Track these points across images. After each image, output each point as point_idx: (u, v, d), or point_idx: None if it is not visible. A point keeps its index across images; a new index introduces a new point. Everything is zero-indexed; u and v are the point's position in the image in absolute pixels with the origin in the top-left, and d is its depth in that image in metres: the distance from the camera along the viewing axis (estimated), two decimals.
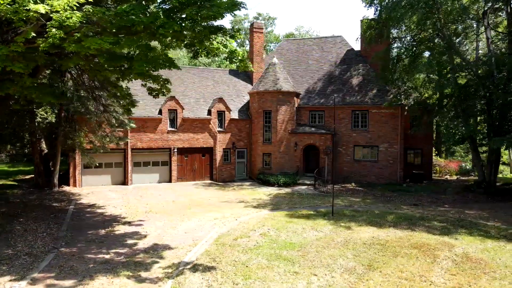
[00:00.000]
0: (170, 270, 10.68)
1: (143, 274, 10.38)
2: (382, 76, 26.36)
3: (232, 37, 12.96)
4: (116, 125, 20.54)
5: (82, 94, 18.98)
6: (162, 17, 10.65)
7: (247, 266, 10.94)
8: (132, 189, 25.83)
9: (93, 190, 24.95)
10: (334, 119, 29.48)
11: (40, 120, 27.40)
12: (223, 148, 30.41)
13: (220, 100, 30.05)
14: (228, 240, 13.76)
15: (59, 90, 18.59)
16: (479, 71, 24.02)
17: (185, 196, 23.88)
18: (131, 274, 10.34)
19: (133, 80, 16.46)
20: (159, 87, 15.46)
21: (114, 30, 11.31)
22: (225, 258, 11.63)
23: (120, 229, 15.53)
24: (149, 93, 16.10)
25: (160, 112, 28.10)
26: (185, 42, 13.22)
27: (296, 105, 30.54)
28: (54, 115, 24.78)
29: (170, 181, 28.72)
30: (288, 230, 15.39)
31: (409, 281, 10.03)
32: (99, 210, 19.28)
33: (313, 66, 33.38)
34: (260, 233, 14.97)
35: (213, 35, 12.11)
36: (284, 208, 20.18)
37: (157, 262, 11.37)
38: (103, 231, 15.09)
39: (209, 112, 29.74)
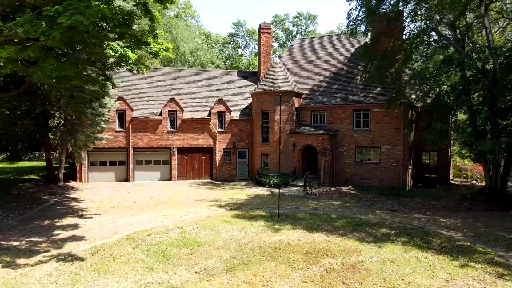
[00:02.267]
0: (46, 259, 11.61)
1: (20, 260, 11.42)
2: (365, 71, 24.84)
3: (139, 42, 13.55)
4: (91, 124, 22.27)
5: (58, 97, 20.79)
6: (44, 25, 11.63)
7: (114, 260, 11.47)
8: (130, 186, 27.61)
9: (93, 185, 27.20)
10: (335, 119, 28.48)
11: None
12: (224, 148, 31.00)
13: (220, 101, 30.69)
14: (139, 236, 14.35)
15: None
16: (479, 65, 21.59)
17: (170, 193, 24.93)
18: (9, 259, 11.46)
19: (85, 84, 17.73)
20: (99, 90, 16.61)
21: (16, 40, 12.57)
22: (106, 252, 12.25)
23: (66, 221, 16.94)
24: (94, 97, 17.37)
25: (160, 114, 29.58)
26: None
27: (296, 105, 30.01)
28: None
29: (170, 179, 30.09)
30: (213, 230, 15.50)
31: (249, 285, 9.73)
32: (74, 203, 21.10)
33: (321, 65, 32.48)
34: (181, 230, 15.30)
35: (109, 42, 12.84)
36: (245, 209, 20.14)
37: (48, 251, 12.38)
38: (47, 221, 16.62)
39: (210, 113, 30.54)
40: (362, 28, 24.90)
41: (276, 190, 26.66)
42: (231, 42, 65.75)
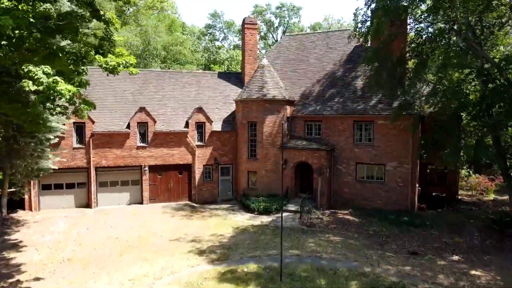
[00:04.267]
0: None
1: None
2: (371, 81, 21.07)
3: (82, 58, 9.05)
4: (31, 155, 17.55)
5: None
6: None
7: None
8: (92, 215, 22.97)
9: (46, 216, 22.39)
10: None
11: None
12: (204, 165, 26.63)
13: (200, 110, 26.19)
14: None
15: None
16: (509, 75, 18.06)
17: (140, 227, 20.63)
18: None
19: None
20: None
21: None
22: None
23: None
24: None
25: (128, 126, 24.88)
26: None
27: (288, 114, 25.88)
28: None
29: (141, 202, 25.56)
30: None
31: None
32: (12, 255, 16.49)
33: (314, 66, 28.28)
34: None
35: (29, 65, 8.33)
36: (233, 260, 16.06)
37: None
38: None
39: (187, 124, 26.04)
40: (365, 27, 20.94)
41: (267, 218, 22.70)
42: (208, 34, 60.44)
